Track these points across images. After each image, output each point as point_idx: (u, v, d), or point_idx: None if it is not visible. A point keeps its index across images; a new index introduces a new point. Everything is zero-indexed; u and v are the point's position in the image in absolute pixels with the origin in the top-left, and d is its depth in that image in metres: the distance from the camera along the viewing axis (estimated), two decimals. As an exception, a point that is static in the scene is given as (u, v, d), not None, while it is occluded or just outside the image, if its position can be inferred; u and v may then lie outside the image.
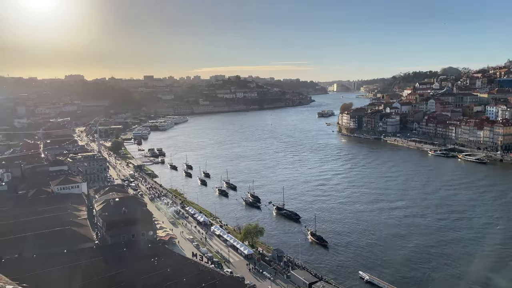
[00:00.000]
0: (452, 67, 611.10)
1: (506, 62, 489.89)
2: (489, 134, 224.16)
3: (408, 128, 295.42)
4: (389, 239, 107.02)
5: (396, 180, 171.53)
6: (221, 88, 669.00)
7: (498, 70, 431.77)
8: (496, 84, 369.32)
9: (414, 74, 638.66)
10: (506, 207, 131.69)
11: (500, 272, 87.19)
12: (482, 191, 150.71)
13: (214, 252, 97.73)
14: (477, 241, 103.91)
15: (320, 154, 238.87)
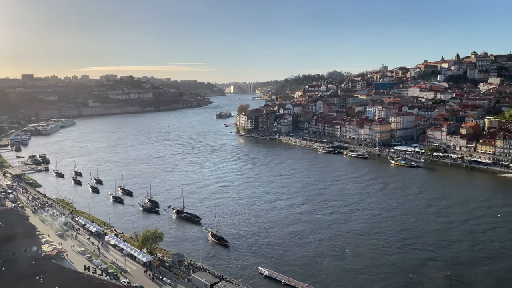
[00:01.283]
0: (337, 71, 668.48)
1: (381, 67, 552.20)
2: (368, 132, 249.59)
3: (300, 127, 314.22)
4: (285, 235, 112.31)
5: (291, 178, 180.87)
6: (113, 89, 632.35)
7: (375, 74, 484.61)
8: (373, 86, 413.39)
9: (304, 77, 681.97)
10: (387, 197, 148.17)
11: (385, 258, 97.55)
12: (365, 184, 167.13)
13: (109, 263, 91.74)
14: (366, 232, 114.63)
15: (219, 155, 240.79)
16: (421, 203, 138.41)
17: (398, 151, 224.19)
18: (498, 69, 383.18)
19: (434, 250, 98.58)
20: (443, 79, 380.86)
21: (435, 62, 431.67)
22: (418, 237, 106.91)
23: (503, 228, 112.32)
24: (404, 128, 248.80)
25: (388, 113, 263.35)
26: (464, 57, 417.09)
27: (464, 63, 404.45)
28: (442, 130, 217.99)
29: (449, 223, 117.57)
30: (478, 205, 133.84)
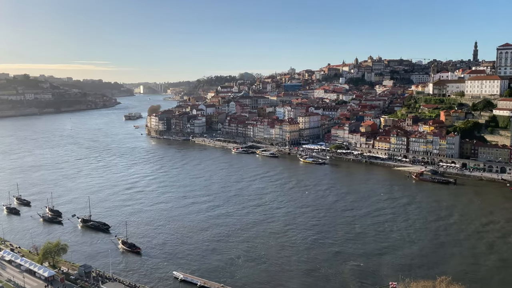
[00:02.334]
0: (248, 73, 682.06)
1: (289, 69, 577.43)
2: (279, 132, 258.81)
3: (213, 128, 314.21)
4: (201, 238, 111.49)
5: (206, 180, 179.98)
6: (5, 89, 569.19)
7: (284, 76, 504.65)
8: (282, 88, 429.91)
9: (216, 78, 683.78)
10: (291, 191, 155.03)
11: (298, 254, 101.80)
12: (278, 183, 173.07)
13: (5, 281, 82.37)
14: (280, 230, 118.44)
15: (129, 158, 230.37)
16: (329, 198, 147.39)
17: (306, 149, 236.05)
18: (391, 72, 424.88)
19: (343, 243, 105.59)
20: (345, 81, 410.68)
21: (337, 66, 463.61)
22: (327, 232, 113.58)
23: (399, 217, 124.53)
24: (311, 128, 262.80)
25: (297, 113, 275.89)
26: (362, 61, 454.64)
27: (362, 67, 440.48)
28: (345, 129, 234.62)
29: (354, 216, 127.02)
30: (378, 198, 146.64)
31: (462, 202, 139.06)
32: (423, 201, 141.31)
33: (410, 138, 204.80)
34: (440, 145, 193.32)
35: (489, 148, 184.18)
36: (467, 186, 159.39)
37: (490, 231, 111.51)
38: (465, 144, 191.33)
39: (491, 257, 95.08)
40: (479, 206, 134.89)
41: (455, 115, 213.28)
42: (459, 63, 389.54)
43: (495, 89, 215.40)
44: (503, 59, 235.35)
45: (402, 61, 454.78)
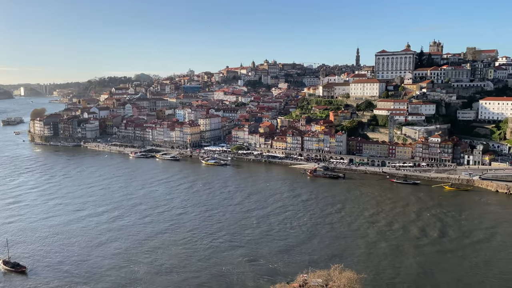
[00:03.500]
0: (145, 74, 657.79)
1: (188, 71, 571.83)
2: (179, 134, 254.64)
3: (108, 132, 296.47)
4: (94, 248, 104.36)
5: (100, 186, 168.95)
6: None
7: (182, 78, 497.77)
8: (182, 90, 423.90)
9: (110, 79, 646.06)
10: (195, 194, 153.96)
11: (197, 254, 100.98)
12: (178, 184, 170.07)
13: None
14: (179, 232, 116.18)
15: (10, 168, 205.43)
16: (227, 197, 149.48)
17: (208, 151, 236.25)
18: (286, 75, 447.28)
19: (247, 243, 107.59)
20: (243, 83, 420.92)
21: (235, 68, 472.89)
22: (232, 233, 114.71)
23: (298, 214, 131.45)
24: (212, 130, 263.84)
25: (197, 115, 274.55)
26: (259, 65, 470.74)
27: (259, 70, 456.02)
28: (245, 130, 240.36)
29: (251, 212, 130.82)
30: (274, 193, 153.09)
31: (351, 195, 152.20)
32: (315, 195, 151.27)
33: (304, 137, 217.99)
34: (330, 143, 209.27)
35: (371, 144, 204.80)
36: (355, 180, 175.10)
37: (377, 220, 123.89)
38: (352, 142, 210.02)
39: (380, 244, 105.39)
40: (365, 197, 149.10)
41: (342, 115, 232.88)
42: (344, 68, 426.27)
43: (375, 91, 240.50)
44: (381, 64, 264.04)
45: (295, 65, 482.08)
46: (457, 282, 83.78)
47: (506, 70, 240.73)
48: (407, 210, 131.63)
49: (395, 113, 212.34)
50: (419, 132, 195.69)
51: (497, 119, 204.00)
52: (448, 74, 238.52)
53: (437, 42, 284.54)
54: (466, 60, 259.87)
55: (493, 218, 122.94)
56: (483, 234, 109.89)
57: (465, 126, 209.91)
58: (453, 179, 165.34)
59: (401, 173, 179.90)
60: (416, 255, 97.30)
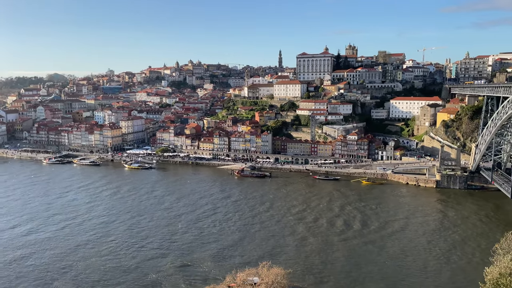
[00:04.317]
0: (58, 74, 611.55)
1: (107, 71, 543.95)
2: (99, 138, 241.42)
3: (17, 137, 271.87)
4: (7, 263, 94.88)
5: (11, 196, 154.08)
6: None
7: (101, 78, 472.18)
8: (100, 91, 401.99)
9: (18, 80, 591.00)
10: (116, 200, 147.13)
11: (122, 264, 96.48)
12: (99, 190, 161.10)
13: None
14: (101, 242, 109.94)
15: None
16: (154, 202, 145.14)
17: (131, 155, 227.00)
18: (211, 76, 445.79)
19: (171, 246, 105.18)
20: (167, 84, 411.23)
21: (158, 68, 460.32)
22: (154, 237, 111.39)
23: (219, 213, 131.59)
24: (135, 132, 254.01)
25: (118, 117, 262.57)
26: (183, 65, 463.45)
27: (183, 70, 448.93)
28: (170, 132, 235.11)
29: (180, 216, 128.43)
30: (202, 195, 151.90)
31: (278, 193, 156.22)
32: (243, 195, 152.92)
33: (231, 138, 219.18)
34: (256, 143, 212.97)
35: (295, 143, 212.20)
36: (280, 178, 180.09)
37: (295, 214, 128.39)
38: (277, 141, 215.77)
39: (295, 237, 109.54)
40: (291, 194, 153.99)
41: (267, 116, 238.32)
42: (268, 69, 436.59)
43: (297, 92, 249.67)
44: (302, 66, 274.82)
45: (220, 66, 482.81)
46: (378, 271, 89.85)
47: (413, 72, 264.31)
48: (330, 205, 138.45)
49: (316, 113, 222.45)
50: (338, 131, 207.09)
51: (405, 117, 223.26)
52: (362, 76, 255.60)
53: (352, 46, 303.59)
54: (378, 63, 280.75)
55: (405, 209, 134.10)
56: (398, 224, 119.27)
57: (378, 124, 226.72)
58: (369, 174, 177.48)
59: (323, 170, 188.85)
60: (341, 247, 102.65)
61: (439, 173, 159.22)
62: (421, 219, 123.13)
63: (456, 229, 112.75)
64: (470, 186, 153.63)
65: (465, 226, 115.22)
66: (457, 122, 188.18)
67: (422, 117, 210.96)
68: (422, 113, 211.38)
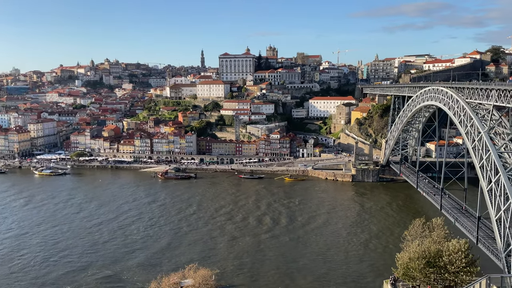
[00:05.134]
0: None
1: (12, 70, 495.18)
2: (4, 143, 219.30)
3: None
4: None
5: None
6: None
7: (5, 78, 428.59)
8: (4, 91, 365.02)
9: None
10: (34, 211, 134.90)
11: (38, 279, 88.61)
12: (6, 201, 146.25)
13: None
14: (9, 257, 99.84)
15: None
16: (71, 210, 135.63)
17: (42, 161, 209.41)
18: (130, 76, 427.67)
19: (89, 255, 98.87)
20: (81, 84, 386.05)
21: (71, 67, 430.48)
22: (73, 247, 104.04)
23: (145, 217, 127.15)
24: (46, 136, 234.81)
25: (26, 120, 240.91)
26: (99, 64, 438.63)
27: (99, 70, 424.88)
28: (86, 135, 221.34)
29: (101, 224, 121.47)
30: (124, 201, 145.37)
31: (201, 194, 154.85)
32: (168, 198, 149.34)
33: (153, 140, 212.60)
34: (180, 144, 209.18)
35: (220, 143, 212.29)
36: (205, 179, 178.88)
37: (222, 215, 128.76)
38: (201, 142, 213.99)
39: (224, 238, 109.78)
40: (217, 195, 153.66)
41: (191, 116, 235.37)
42: (190, 69, 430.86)
43: (221, 92, 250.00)
44: (224, 66, 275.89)
45: (140, 65, 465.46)
46: (306, 265, 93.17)
47: (329, 73, 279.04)
48: (257, 203, 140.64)
49: (240, 113, 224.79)
50: (262, 130, 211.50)
51: (323, 116, 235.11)
52: (283, 76, 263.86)
53: (272, 47, 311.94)
54: (297, 64, 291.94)
55: (326, 204, 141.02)
56: (321, 218, 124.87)
57: (299, 123, 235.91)
58: (292, 171, 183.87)
59: (248, 169, 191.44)
60: (270, 244, 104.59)
61: (354, 167, 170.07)
62: (341, 212, 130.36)
63: (373, 220, 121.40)
64: (381, 179, 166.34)
65: (380, 216, 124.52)
66: (369, 120, 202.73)
67: (338, 115, 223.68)
68: (338, 112, 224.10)
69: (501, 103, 77.45)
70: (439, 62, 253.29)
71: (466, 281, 50.63)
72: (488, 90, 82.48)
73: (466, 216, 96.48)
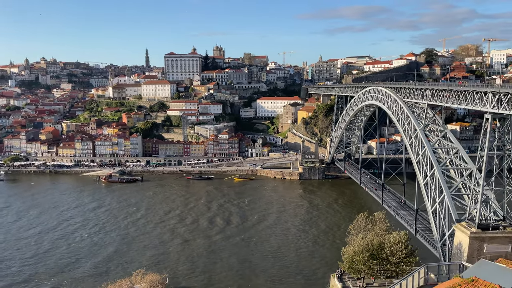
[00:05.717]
0: None
1: None
2: None
3: None
4: None
5: None
6: None
7: None
8: None
9: None
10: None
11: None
12: None
13: None
14: None
15: None
16: (8, 219, 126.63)
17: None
18: (69, 75, 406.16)
19: (30, 266, 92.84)
20: (15, 84, 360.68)
21: (3, 66, 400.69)
22: (9, 259, 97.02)
23: (90, 223, 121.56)
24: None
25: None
26: (35, 63, 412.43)
27: (35, 69, 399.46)
28: (21, 138, 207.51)
29: (41, 233, 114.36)
30: (66, 207, 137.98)
31: (148, 197, 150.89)
32: (114, 203, 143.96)
33: (95, 142, 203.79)
34: (125, 146, 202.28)
35: (167, 144, 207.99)
36: (152, 181, 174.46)
37: (172, 218, 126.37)
38: (147, 143, 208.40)
39: (175, 241, 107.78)
40: (165, 197, 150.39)
41: (136, 117, 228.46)
42: (134, 68, 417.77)
43: (167, 92, 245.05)
44: (170, 66, 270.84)
45: (80, 64, 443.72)
46: (259, 265, 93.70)
47: (275, 74, 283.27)
48: (207, 205, 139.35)
49: (187, 113, 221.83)
50: (210, 130, 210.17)
51: (271, 116, 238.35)
52: (230, 76, 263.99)
53: (219, 47, 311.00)
54: (244, 64, 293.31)
55: (276, 202, 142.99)
56: (272, 217, 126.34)
57: (247, 123, 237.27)
58: (241, 171, 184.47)
59: (196, 170, 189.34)
60: (222, 245, 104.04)
61: (301, 166, 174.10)
62: (290, 211, 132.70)
63: (321, 216, 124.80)
64: (327, 176, 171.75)
65: (328, 212, 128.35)
66: (314, 119, 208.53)
67: (285, 115, 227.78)
68: (284, 111, 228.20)
69: (434, 102, 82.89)
70: (378, 63, 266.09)
71: (407, 271, 53.55)
72: (423, 90, 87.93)
73: (405, 209, 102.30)
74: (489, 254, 58.18)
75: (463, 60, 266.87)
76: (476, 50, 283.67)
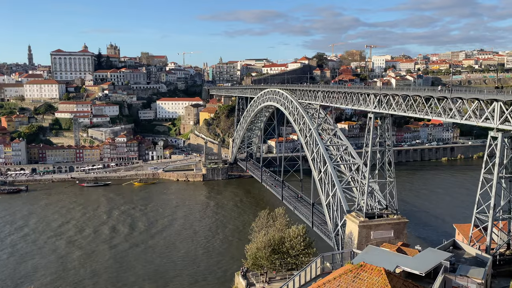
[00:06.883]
0: None
1: None
2: None
3: None
4: None
5: None
6: None
7: None
8: None
9: None
10: None
11: None
12: None
13: None
14: None
15: None
16: None
17: None
18: None
19: None
20: None
21: None
22: None
23: None
24: None
25: None
26: None
27: None
28: None
29: None
30: None
31: (36, 208, 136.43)
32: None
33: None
34: (5, 153, 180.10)
35: (56, 150, 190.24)
36: (40, 191, 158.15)
37: (69, 229, 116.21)
38: (32, 149, 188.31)
39: (75, 253, 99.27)
40: (53, 208, 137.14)
41: (18, 120, 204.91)
42: (15, 66, 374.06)
43: (54, 93, 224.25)
44: (58, 64, 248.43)
45: None
46: (155, 271, 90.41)
47: (175, 74, 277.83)
48: (97, 213, 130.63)
49: (79, 116, 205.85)
50: (106, 133, 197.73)
51: (172, 117, 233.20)
52: (127, 76, 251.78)
53: (114, 45, 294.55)
54: (141, 64, 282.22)
55: (173, 205, 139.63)
56: (165, 221, 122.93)
57: (147, 124, 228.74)
58: (141, 175, 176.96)
59: (91, 176, 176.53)
60: (110, 254, 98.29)
61: (205, 167, 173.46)
62: (187, 212, 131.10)
63: (218, 216, 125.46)
64: (230, 176, 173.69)
65: (225, 212, 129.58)
66: (217, 120, 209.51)
67: (187, 116, 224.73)
68: (186, 113, 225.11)
69: (325, 103, 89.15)
70: (276, 66, 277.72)
71: (305, 262, 56.52)
72: (316, 92, 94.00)
73: (303, 204, 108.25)
74: (376, 240, 64.36)
75: (349, 64, 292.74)
76: (360, 55, 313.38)
